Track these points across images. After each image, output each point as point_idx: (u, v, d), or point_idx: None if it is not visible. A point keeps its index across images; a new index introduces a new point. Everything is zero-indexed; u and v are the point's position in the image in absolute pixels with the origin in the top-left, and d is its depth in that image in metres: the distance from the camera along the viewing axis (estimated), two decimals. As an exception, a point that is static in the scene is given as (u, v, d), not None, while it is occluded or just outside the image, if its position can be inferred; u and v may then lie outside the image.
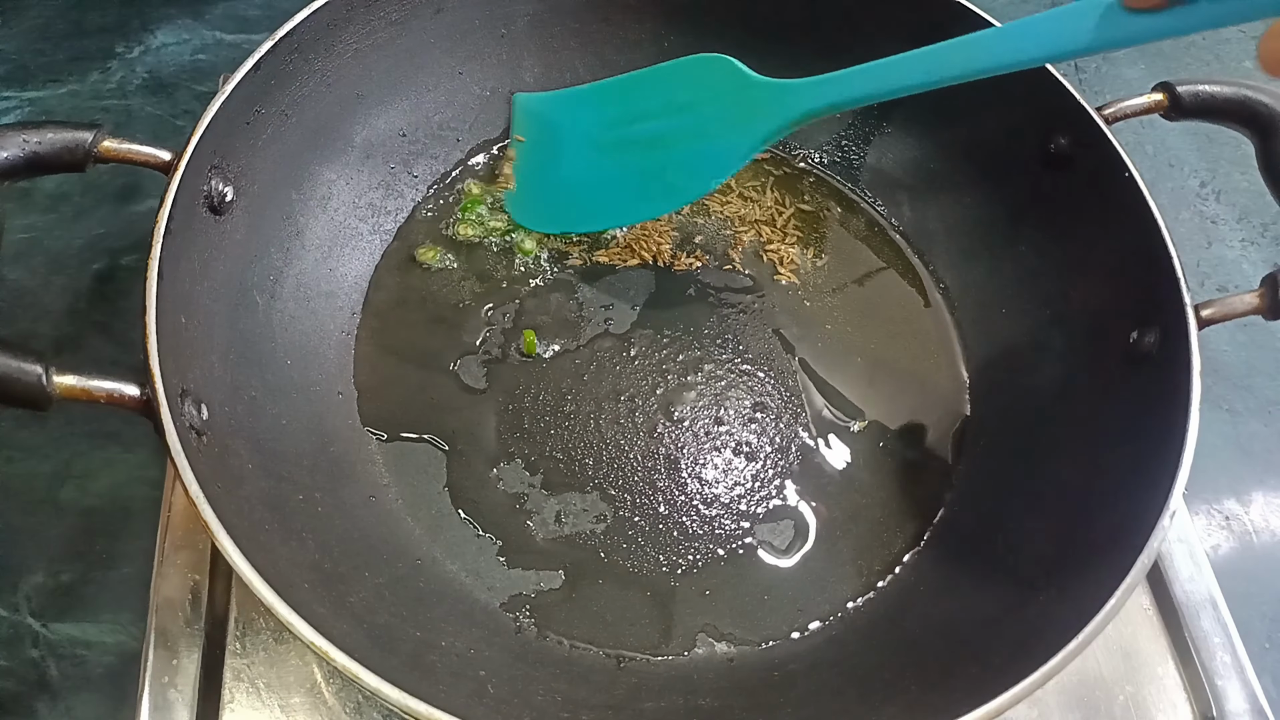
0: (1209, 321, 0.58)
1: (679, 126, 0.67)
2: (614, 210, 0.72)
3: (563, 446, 0.67)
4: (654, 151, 0.69)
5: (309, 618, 0.46)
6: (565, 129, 0.74)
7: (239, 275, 0.62)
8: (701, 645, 0.61)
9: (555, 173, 0.74)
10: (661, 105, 0.69)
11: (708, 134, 0.66)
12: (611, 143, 0.71)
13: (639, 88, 0.70)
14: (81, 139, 0.54)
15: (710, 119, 0.66)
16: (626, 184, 0.70)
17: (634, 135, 0.70)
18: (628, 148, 0.70)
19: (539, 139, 0.76)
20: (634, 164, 0.70)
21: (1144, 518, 0.52)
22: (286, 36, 0.62)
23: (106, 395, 0.49)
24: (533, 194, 0.75)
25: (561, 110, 0.75)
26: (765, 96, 0.64)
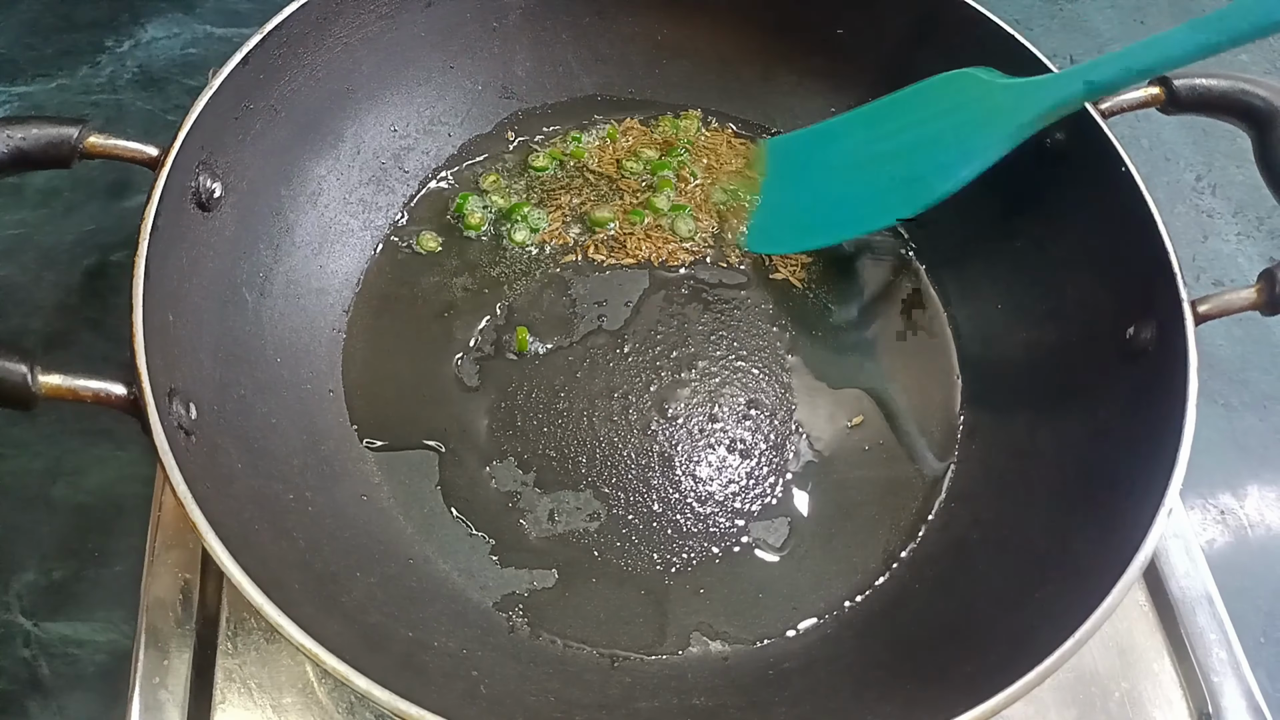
0: (1206, 317, 0.58)
1: (928, 134, 0.68)
2: (862, 217, 0.72)
3: (556, 444, 0.66)
4: (903, 158, 0.69)
5: (298, 619, 0.46)
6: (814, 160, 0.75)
7: (228, 272, 0.62)
8: (696, 644, 0.60)
9: (799, 200, 0.75)
10: (912, 119, 0.69)
11: (957, 136, 0.67)
12: (861, 160, 0.72)
13: (889, 109, 0.71)
14: (67, 134, 0.54)
15: (959, 124, 0.67)
16: (875, 191, 0.71)
17: (884, 149, 0.70)
18: (877, 161, 0.71)
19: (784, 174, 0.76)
20: (883, 172, 0.70)
21: (1140, 515, 0.52)
22: (275, 30, 0.62)
23: (93, 395, 0.49)
24: (775, 223, 0.75)
25: (812, 143, 0.76)
26: (1011, 95, 0.64)
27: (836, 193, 0.73)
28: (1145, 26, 1.03)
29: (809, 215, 0.74)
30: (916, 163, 0.69)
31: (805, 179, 0.75)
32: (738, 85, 0.79)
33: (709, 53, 0.79)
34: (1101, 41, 1.01)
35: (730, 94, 0.80)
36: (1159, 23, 1.03)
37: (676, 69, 0.79)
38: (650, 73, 0.80)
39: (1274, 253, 0.88)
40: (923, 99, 0.69)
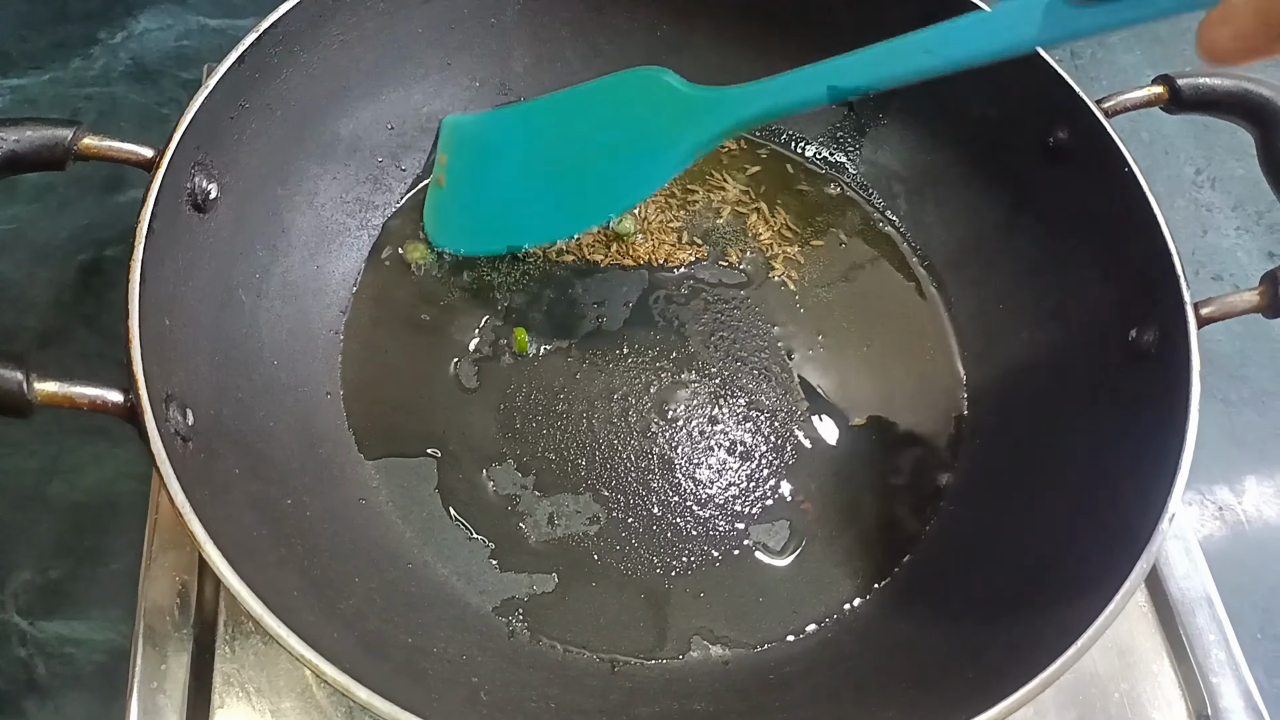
0: (1208, 320, 0.58)
1: (610, 140, 0.66)
2: (539, 227, 0.70)
3: (555, 447, 0.66)
4: (583, 166, 0.67)
5: (298, 628, 0.45)
6: (494, 149, 0.72)
7: (224, 274, 0.61)
8: (696, 648, 0.60)
9: (480, 194, 0.72)
10: (594, 121, 0.67)
11: (639, 146, 0.65)
12: (542, 160, 0.70)
13: (571, 105, 0.69)
14: (61, 136, 0.53)
15: (641, 132, 0.65)
16: (554, 199, 0.69)
17: (564, 152, 0.68)
18: (557, 164, 0.69)
19: (465, 161, 0.73)
20: (563, 179, 0.68)
21: (1143, 520, 0.52)
22: (271, 29, 0.61)
23: (89, 402, 0.48)
24: (455, 217, 0.73)
25: (492, 131, 0.73)
26: (696, 107, 0.63)
27: (517, 192, 0.71)
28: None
29: (489, 212, 0.72)
30: (599, 171, 0.67)
31: (484, 173, 0.72)
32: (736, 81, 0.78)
33: (708, 48, 0.78)
34: (1098, 35, 1.00)
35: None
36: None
37: (676, 64, 0.77)
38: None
39: (1273, 247, 0.88)
40: (607, 95, 0.67)
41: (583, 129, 0.68)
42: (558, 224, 0.70)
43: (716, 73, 0.78)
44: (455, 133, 0.75)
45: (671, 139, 0.63)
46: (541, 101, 0.72)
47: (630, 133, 0.65)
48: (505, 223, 0.71)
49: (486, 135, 0.73)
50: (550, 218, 0.69)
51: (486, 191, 0.72)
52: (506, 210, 0.71)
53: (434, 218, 0.73)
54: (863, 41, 0.74)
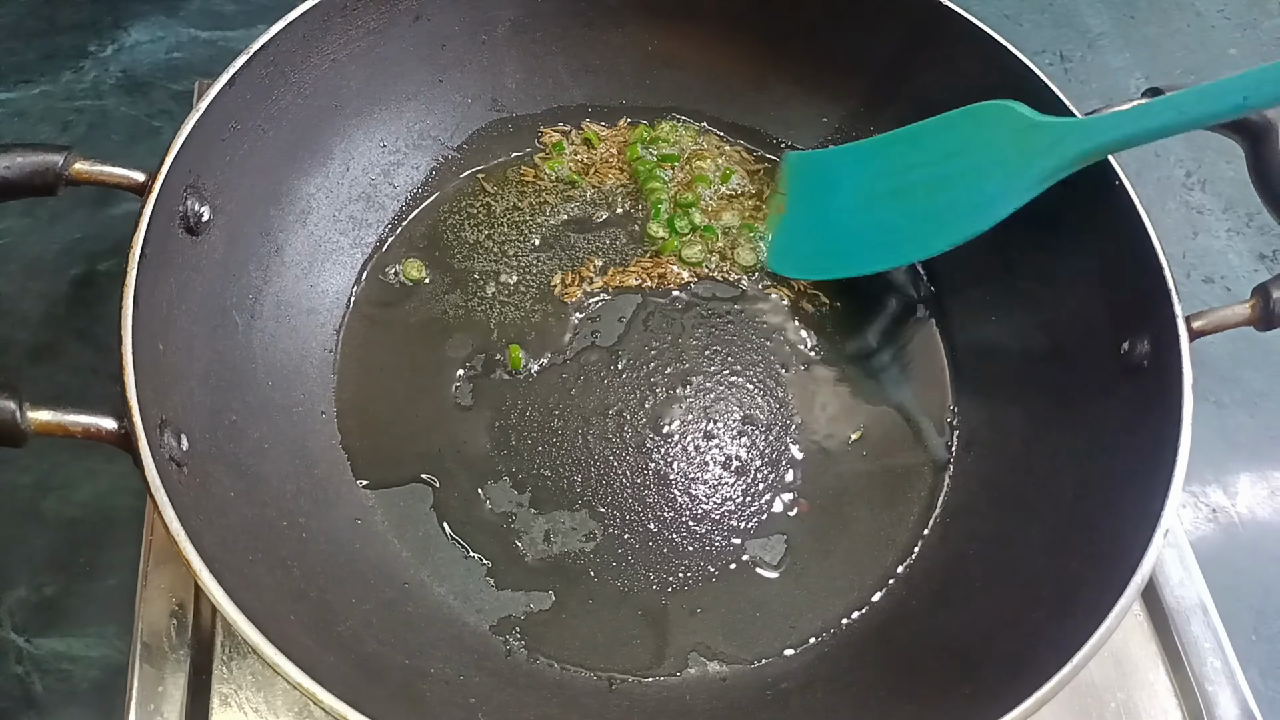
0: (1200, 333, 0.58)
1: (956, 170, 0.66)
2: (882, 253, 0.71)
3: (550, 464, 0.66)
4: (928, 194, 0.68)
5: (294, 655, 0.45)
6: (839, 183, 0.73)
7: (217, 296, 0.61)
8: (694, 665, 0.60)
9: (822, 223, 0.73)
10: (942, 150, 0.67)
11: (986, 175, 0.65)
12: (886, 190, 0.70)
13: (919, 137, 0.69)
14: (52, 162, 0.53)
15: (990, 161, 0.65)
16: (897, 226, 0.69)
17: (910, 182, 0.69)
18: (902, 193, 0.69)
19: (806, 193, 0.75)
20: (907, 207, 0.69)
21: (1137, 535, 0.52)
22: (261, 50, 0.61)
23: (83, 430, 0.48)
24: (796, 245, 0.74)
25: (836, 165, 0.74)
26: (1049, 136, 0.62)
27: (858, 222, 0.72)
28: (1135, 21, 1.03)
29: (830, 242, 0.73)
30: (942, 200, 0.67)
31: (827, 202, 0.73)
32: (729, 95, 0.79)
33: (699, 63, 0.78)
34: (1091, 36, 1.01)
35: (722, 104, 0.79)
36: (1149, 18, 1.03)
37: (667, 79, 0.79)
38: (640, 83, 0.79)
39: (1264, 249, 0.88)
40: (953, 129, 0.67)
41: (929, 160, 0.68)
42: (895, 251, 0.70)
43: (706, 87, 0.79)
44: (798, 166, 0.76)
45: (1019, 167, 0.63)
46: (889, 136, 0.72)
47: (976, 162, 0.65)
48: (845, 250, 0.72)
49: (829, 168, 0.74)
50: (889, 245, 0.70)
51: (825, 222, 0.73)
52: (846, 238, 0.72)
53: (776, 245, 0.75)
54: (850, 55, 0.75)
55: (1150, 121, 0.59)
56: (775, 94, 0.78)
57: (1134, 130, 0.59)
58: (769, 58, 0.77)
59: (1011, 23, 1.01)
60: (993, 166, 0.64)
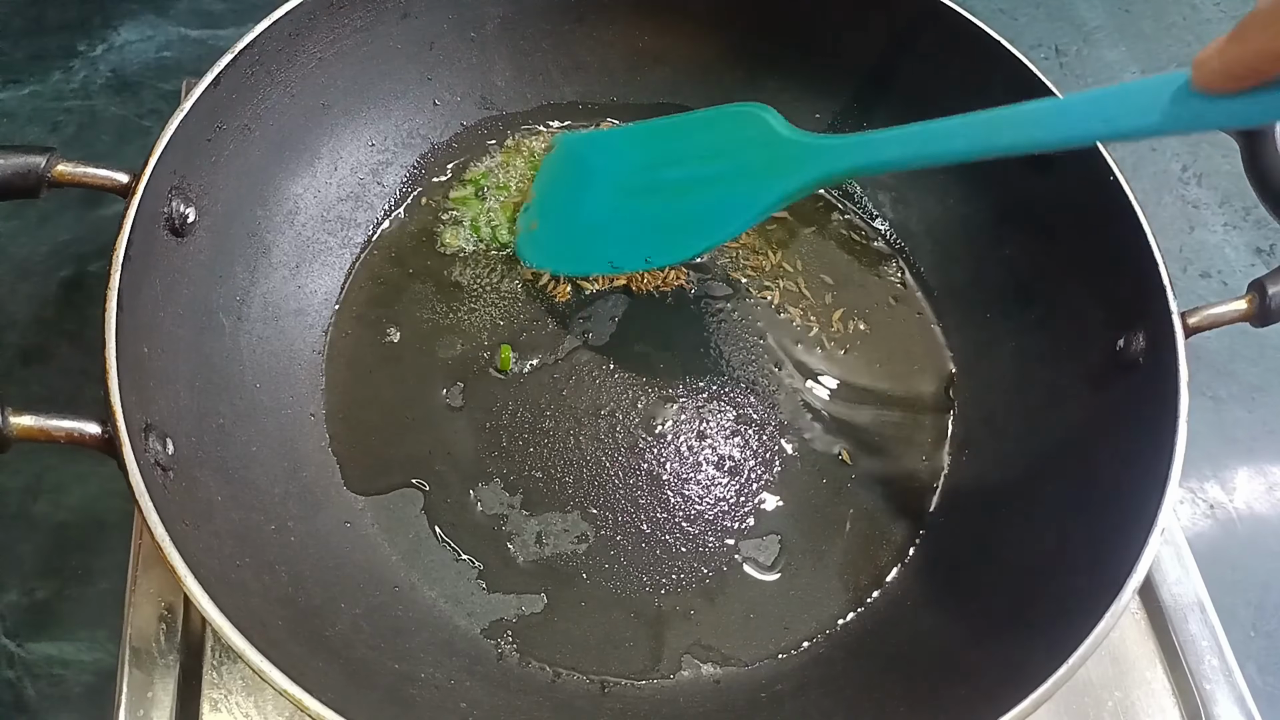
0: (1196, 329, 0.57)
1: (706, 174, 0.65)
2: (629, 254, 0.69)
3: (542, 465, 0.65)
4: (678, 198, 0.66)
5: (281, 662, 0.45)
6: (595, 170, 0.71)
7: (204, 298, 0.60)
8: (688, 667, 0.60)
9: (575, 214, 0.71)
10: (694, 151, 0.66)
11: (733, 184, 0.64)
12: (638, 186, 0.69)
13: (674, 133, 0.68)
14: (34, 164, 0.53)
15: (738, 170, 0.63)
16: (646, 229, 0.68)
17: (661, 180, 0.67)
18: (653, 192, 0.68)
19: (565, 180, 0.73)
20: (657, 209, 0.67)
21: (1133, 535, 0.52)
22: (247, 48, 0.60)
23: (66, 435, 0.48)
24: (548, 236, 0.72)
25: (596, 150, 0.73)
26: (795, 153, 0.61)
27: (609, 219, 0.70)
28: (1131, 15, 1.02)
29: (580, 234, 0.71)
30: (689, 204, 0.65)
31: (581, 193, 0.71)
32: (720, 91, 0.78)
33: (690, 59, 0.78)
34: (1087, 30, 1.00)
35: (714, 100, 0.78)
36: (1144, 11, 1.03)
37: (658, 75, 0.78)
38: (632, 79, 0.79)
39: (1260, 243, 0.88)
40: (709, 129, 0.66)
41: (682, 158, 0.67)
42: (641, 253, 0.69)
43: (698, 84, 0.79)
44: (564, 150, 0.75)
45: (763, 182, 0.62)
46: (646, 125, 0.71)
47: (724, 169, 0.64)
48: (590, 247, 0.71)
49: (590, 154, 0.73)
50: (634, 247, 0.69)
51: (578, 214, 0.71)
52: (594, 235, 0.70)
53: (524, 232, 0.73)
54: (843, 50, 0.75)
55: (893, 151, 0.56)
56: (767, 90, 0.77)
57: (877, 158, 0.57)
58: (761, 54, 0.76)
59: (1006, 17, 1.00)
60: (740, 175, 0.63)
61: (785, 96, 0.77)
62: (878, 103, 0.75)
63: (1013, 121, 0.51)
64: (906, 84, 0.73)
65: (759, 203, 0.62)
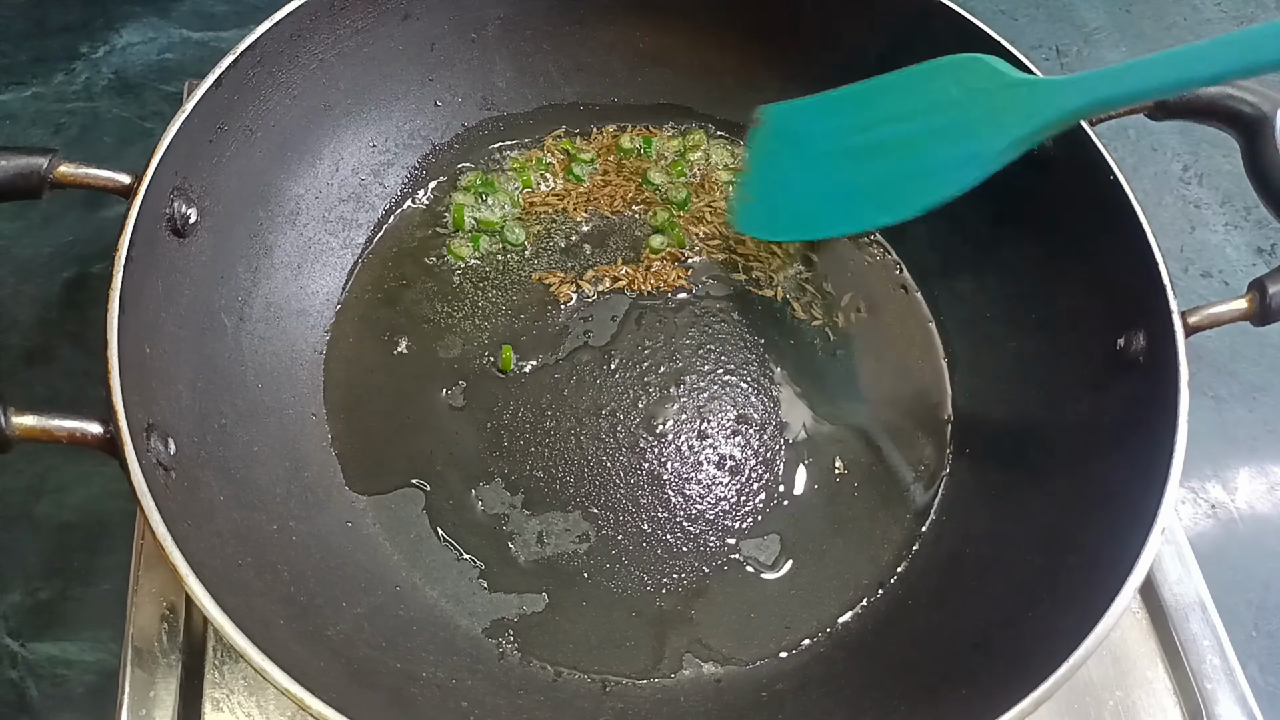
0: (1196, 328, 0.57)
1: (928, 129, 0.63)
2: (853, 215, 0.68)
3: (543, 464, 0.65)
4: (900, 154, 0.65)
5: (282, 661, 0.45)
6: (807, 136, 0.70)
7: (205, 298, 0.61)
8: (688, 666, 0.60)
9: (792, 181, 0.70)
10: (912, 108, 0.64)
11: (959, 135, 0.62)
12: (855, 148, 0.67)
13: (889, 91, 0.66)
14: (36, 165, 0.53)
15: (962, 120, 0.61)
16: (867, 188, 0.66)
17: (880, 139, 0.66)
18: (872, 152, 0.66)
19: (778, 150, 0.72)
20: (878, 168, 0.66)
21: (1134, 533, 0.52)
22: (249, 50, 0.61)
23: (68, 435, 0.48)
24: (768, 206, 0.71)
25: (805, 117, 0.70)
26: (1023, 95, 0.59)
27: (825, 179, 0.69)
28: (1131, 15, 1.02)
29: (800, 201, 0.70)
30: (912, 160, 0.64)
31: (799, 157, 0.70)
32: (720, 92, 0.78)
33: (691, 59, 0.78)
34: (1087, 31, 1.00)
35: (714, 101, 0.79)
36: (1145, 12, 1.03)
37: (658, 76, 0.78)
38: (632, 80, 0.79)
39: (1261, 243, 0.87)
40: (926, 83, 0.64)
41: (900, 115, 0.65)
42: (865, 213, 0.68)
43: (698, 84, 0.79)
44: (770, 122, 0.73)
45: (994, 128, 0.60)
46: (859, 87, 0.68)
47: (950, 121, 0.62)
48: (810, 210, 0.69)
49: (799, 122, 0.71)
50: (856, 207, 0.67)
51: (794, 180, 0.70)
52: (814, 199, 0.69)
53: (741, 203, 0.72)
54: (843, 51, 0.74)
55: (1131, 82, 0.55)
56: (769, 90, 0.77)
57: (1114, 91, 0.56)
58: (761, 54, 0.76)
59: (1006, 18, 1.00)
60: (966, 126, 0.61)
61: (786, 96, 0.77)
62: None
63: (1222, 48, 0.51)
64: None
65: (991, 149, 0.60)
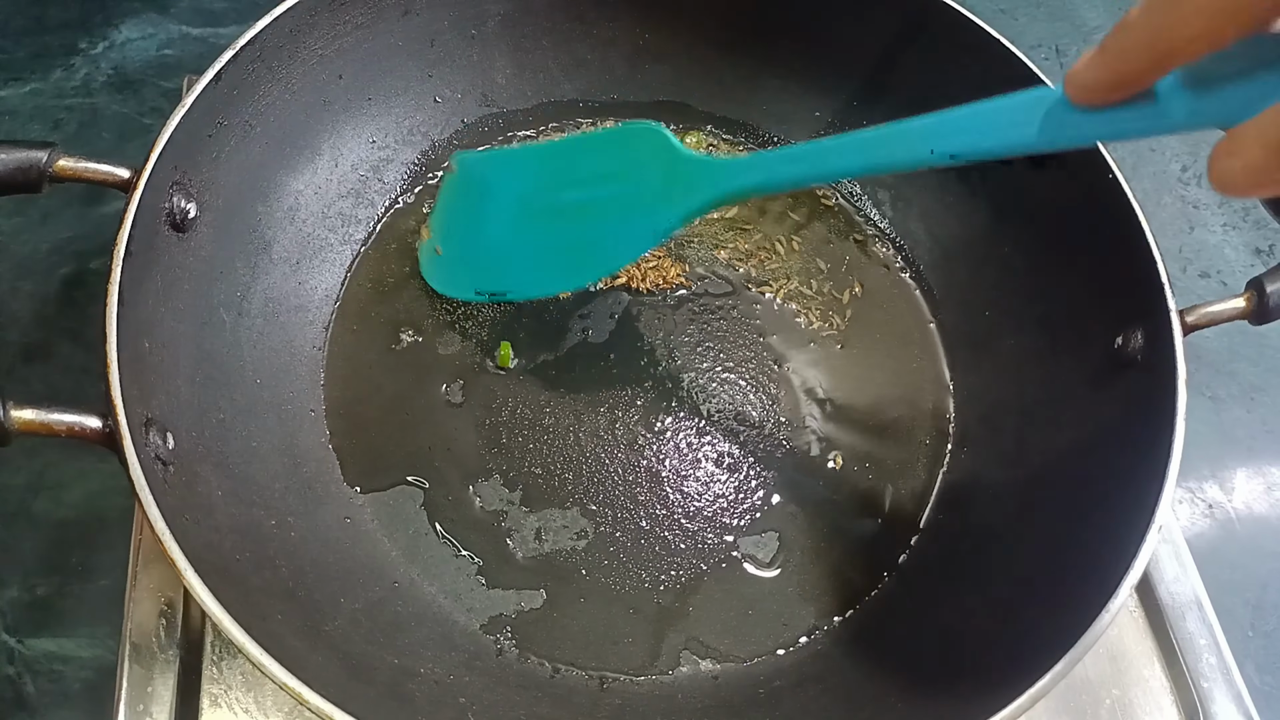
0: (1194, 327, 0.58)
1: (606, 196, 0.64)
2: (529, 279, 0.68)
3: (541, 461, 0.65)
4: (578, 221, 0.65)
5: (280, 654, 0.45)
6: (496, 190, 0.69)
7: (204, 294, 0.60)
8: (686, 663, 0.60)
9: (478, 236, 0.70)
10: (593, 173, 0.65)
11: (632, 206, 0.62)
12: (539, 208, 0.67)
13: (573, 152, 0.67)
14: (35, 159, 0.53)
15: (637, 191, 0.62)
16: (546, 254, 0.67)
17: (562, 202, 0.66)
18: (554, 215, 0.66)
19: (465, 201, 0.71)
20: (557, 233, 0.66)
21: (1131, 531, 0.52)
22: (248, 45, 0.60)
23: (67, 429, 0.48)
24: (451, 260, 0.70)
25: (496, 169, 0.70)
26: (692, 172, 0.59)
27: (510, 242, 0.68)
28: (1131, 15, 1.02)
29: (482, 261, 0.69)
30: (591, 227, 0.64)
31: (485, 213, 0.69)
32: (721, 89, 0.78)
33: (692, 56, 0.78)
34: (1087, 30, 1.00)
35: (714, 98, 0.79)
36: (1145, 11, 1.02)
37: (659, 73, 0.78)
38: (633, 77, 0.79)
39: (1260, 243, 0.88)
40: (608, 148, 0.64)
41: (582, 179, 0.65)
42: (543, 279, 0.68)
43: (699, 81, 0.79)
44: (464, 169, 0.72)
45: (664, 203, 0.60)
46: (547, 146, 0.70)
47: (625, 190, 0.63)
48: (490, 270, 0.69)
49: (492, 173, 0.71)
50: (537, 272, 0.67)
51: (480, 235, 0.69)
52: (496, 259, 0.69)
53: (429, 257, 0.71)
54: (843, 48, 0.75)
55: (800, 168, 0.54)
56: (768, 88, 0.78)
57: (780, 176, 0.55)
58: (761, 51, 0.76)
59: (1007, 17, 1.00)
60: (638, 197, 0.62)
61: (785, 94, 0.78)
62: (877, 101, 0.75)
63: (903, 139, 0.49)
64: (906, 83, 0.73)
65: (658, 224, 0.61)
